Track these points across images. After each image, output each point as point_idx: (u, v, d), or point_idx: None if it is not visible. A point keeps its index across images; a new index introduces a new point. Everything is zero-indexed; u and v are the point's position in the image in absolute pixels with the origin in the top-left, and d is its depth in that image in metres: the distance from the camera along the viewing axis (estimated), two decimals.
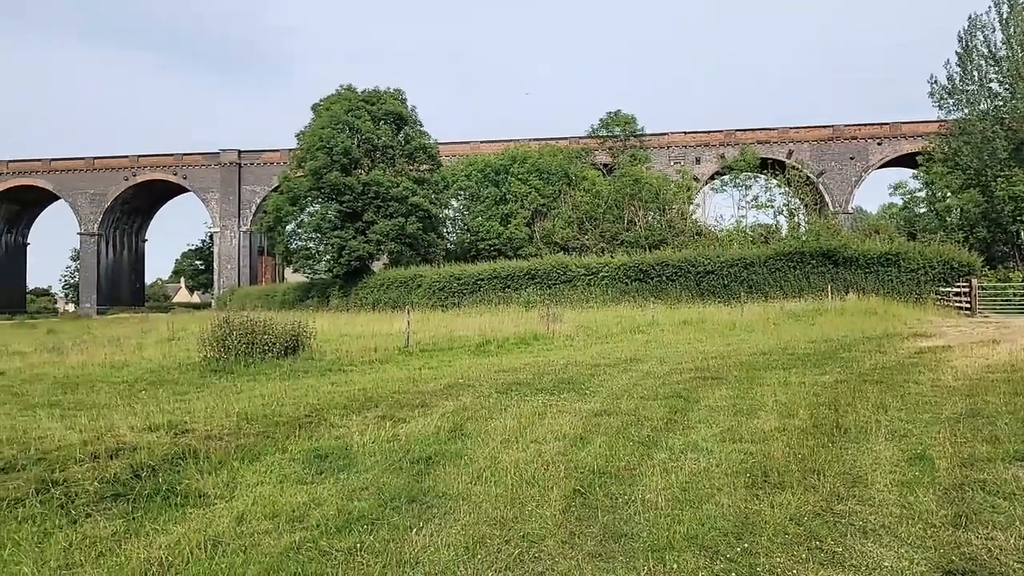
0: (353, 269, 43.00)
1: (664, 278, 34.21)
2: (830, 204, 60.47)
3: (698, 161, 63.96)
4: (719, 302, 29.80)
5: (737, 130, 64.68)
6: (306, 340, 15.53)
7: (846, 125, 62.95)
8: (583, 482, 5.45)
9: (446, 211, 50.02)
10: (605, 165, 57.04)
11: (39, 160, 72.32)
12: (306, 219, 44.95)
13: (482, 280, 37.87)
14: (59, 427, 7.70)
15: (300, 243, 46.12)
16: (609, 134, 59.08)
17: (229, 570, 4.07)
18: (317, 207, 44.41)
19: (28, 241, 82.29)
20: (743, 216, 46.59)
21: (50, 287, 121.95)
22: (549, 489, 5.29)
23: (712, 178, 61.07)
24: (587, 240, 44.42)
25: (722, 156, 61.37)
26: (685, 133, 65.21)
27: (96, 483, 5.63)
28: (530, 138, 61.58)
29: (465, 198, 51.41)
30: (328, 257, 43.94)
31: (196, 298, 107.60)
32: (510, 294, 36.19)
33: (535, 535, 4.48)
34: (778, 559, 4.05)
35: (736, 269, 33.38)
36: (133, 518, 4.99)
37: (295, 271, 49.77)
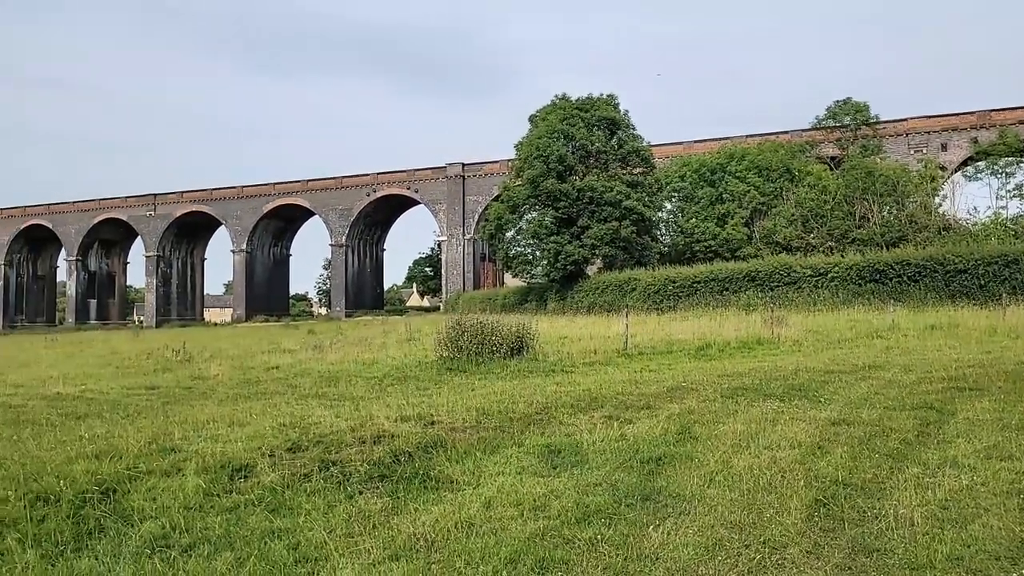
0: (569, 273, 43.98)
1: (905, 278, 31.05)
2: None
3: (944, 148, 56.97)
4: (974, 305, 26.43)
5: (993, 110, 56.44)
6: (530, 342, 16.24)
7: None
8: (824, 492, 5.24)
9: (660, 213, 49.34)
10: (832, 158, 52.86)
11: (299, 181, 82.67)
12: (524, 226, 46.89)
13: (698, 283, 36.91)
14: (329, 415, 8.81)
15: (519, 249, 48.19)
16: (837, 124, 54.67)
17: (483, 549, 4.48)
18: (534, 214, 46.13)
19: (290, 253, 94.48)
20: (1003, 207, 41.01)
21: (307, 293, 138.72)
22: (788, 497, 5.15)
23: (963, 166, 54.27)
24: (812, 239, 41.54)
25: (975, 141, 54.15)
26: (928, 117, 58.18)
27: (365, 465, 6.42)
28: (746, 134, 58.77)
29: (679, 199, 50.38)
30: (545, 262, 45.39)
31: (426, 302, 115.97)
32: (728, 297, 34.86)
33: (776, 542, 4.41)
34: None
35: (996, 267, 29.43)
36: (397, 497, 5.64)
37: (514, 276, 52.08)
